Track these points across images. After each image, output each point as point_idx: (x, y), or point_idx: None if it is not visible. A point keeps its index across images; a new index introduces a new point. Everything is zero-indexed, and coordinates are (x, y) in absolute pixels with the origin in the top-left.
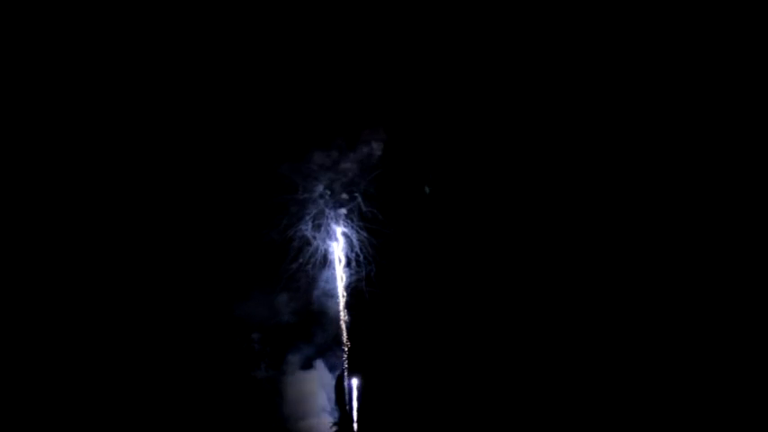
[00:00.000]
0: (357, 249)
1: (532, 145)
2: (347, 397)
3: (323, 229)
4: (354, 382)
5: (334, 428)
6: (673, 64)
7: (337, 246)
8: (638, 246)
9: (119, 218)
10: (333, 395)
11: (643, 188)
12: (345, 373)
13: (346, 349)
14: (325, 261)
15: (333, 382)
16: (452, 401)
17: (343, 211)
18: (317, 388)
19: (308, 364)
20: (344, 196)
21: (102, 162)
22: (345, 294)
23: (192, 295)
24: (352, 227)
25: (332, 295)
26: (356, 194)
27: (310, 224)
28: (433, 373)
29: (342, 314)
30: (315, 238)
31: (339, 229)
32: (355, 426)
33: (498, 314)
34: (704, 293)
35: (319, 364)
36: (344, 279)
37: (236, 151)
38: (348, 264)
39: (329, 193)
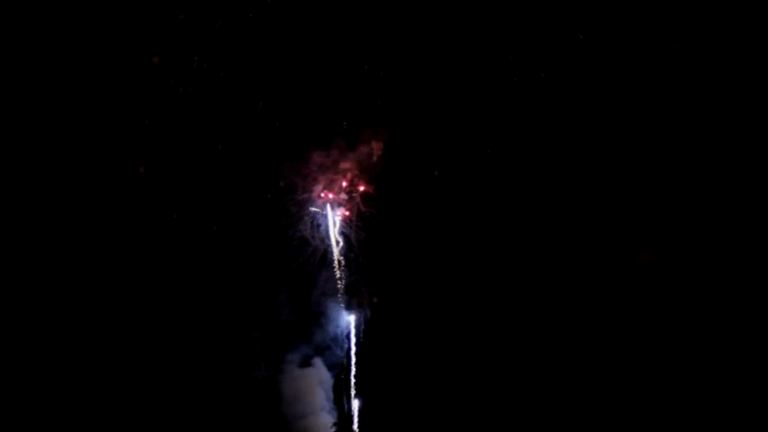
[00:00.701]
0: (356, 250)
1: (536, 145)
2: (346, 395)
3: (322, 229)
4: (353, 318)
5: (334, 428)
6: (673, 64)
7: (337, 246)
8: (638, 249)
9: (117, 217)
10: (332, 394)
11: (645, 195)
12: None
13: (345, 348)
14: (324, 261)
15: (332, 381)
16: (453, 401)
17: (343, 211)
18: (315, 387)
19: (306, 363)
20: (344, 196)
21: (99, 161)
22: (345, 294)
23: (192, 295)
24: (352, 227)
25: (331, 295)
26: (355, 195)
27: (309, 224)
28: (433, 372)
29: (341, 314)
30: (314, 238)
31: (338, 230)
32: (355, 425)
33: (500, 315)
34: (704, 293)
35: (318, 363)
36: (344, 279)
37: (236, 151)
38: (347, 264)
39: (329, 193)
